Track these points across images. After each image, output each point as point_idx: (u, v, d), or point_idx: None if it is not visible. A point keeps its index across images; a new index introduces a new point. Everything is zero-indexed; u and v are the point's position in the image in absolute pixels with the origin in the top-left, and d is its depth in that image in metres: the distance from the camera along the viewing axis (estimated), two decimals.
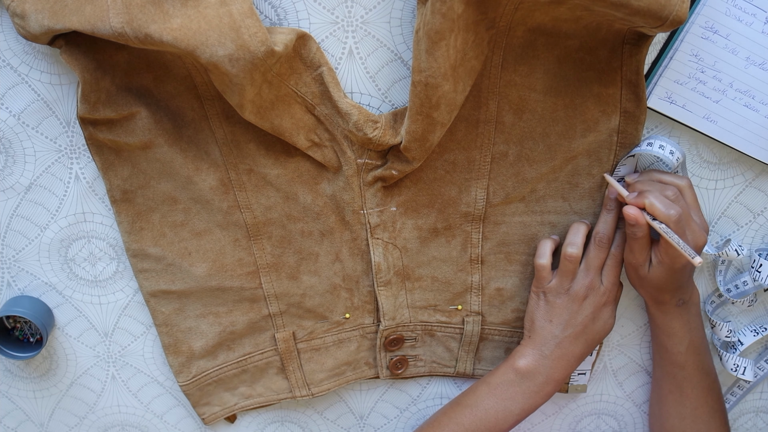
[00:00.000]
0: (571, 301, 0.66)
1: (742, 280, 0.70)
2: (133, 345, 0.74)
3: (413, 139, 0.59)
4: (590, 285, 0.65)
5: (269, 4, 0.60)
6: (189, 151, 0.64)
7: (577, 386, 0.75)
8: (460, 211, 0.67)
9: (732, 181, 0.67)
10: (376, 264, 0.68)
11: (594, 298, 0.65)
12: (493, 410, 0.67)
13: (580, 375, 0.74)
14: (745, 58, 0.61)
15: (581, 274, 0.66)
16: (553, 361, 0.66)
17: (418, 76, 0.55)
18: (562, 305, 0.66)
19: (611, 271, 0.66)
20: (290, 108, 0.60)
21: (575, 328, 0.66)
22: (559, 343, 0.66)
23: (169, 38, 0.53)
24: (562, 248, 0.66)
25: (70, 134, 0.65)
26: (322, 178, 0.65)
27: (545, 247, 0.67)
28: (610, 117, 0.62)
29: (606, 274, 0.66)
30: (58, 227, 0.69)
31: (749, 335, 0.72)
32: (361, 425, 0.79)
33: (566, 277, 0.66)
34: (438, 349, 0.74)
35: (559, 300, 0.66)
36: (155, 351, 0.74)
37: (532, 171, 0.65)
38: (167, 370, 0.75)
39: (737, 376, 0.72)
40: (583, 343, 0.66)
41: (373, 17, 0.61)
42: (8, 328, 0.73)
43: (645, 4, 0.51)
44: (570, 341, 0.66)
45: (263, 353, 0.73)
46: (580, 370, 0.74)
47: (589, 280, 0.65)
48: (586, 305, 0.66)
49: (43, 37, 0.57)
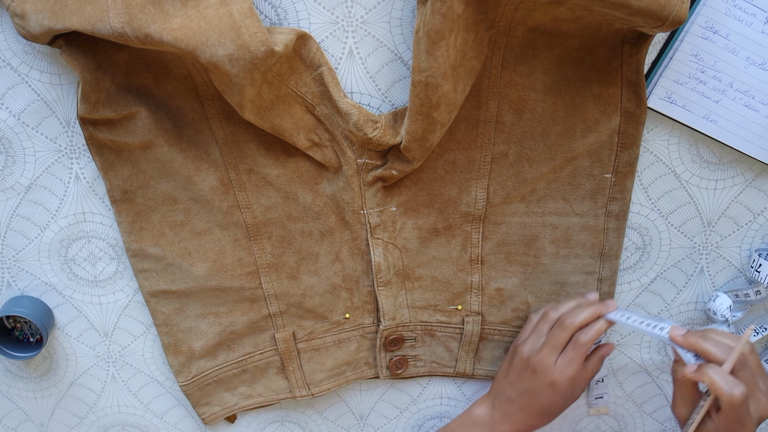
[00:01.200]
0: (524, 368, 0.65)
1: None
2: (133, 345, 0.74)
3: (413, 139, 0.59)
4: (544, 360, 0.64)
5: (269, 4, 0.60)
6: (189, 151, 0.64)
7: (599, 408, 0.75)
8: (460, 211, 0.67)
9: (732, 181, 0.67)
10: (376, 264, 0.68)
11: (543, 375, 0.64)
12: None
13: (597, 399, 0.75)
14: (745, 58, 0.61)
15: (544, 347, 0.65)
16: (500, 416, 0.67)
17: (418, 76, 0.55)
18: (519, 367, 0.66)
19: (567, 358, 0.64)
20: (290, 108, 0.60)
21: (522, 396, 0.66)
22: (508, 400, 0.66)
23: (169, 38, 0.53)
24: (563, 316, 0.65)
25: (70, 134, 0.65)
26: (322, 178, 0.65)
27: (564, 306, 0.66)
28: (611, 117, 0.62)
29: (562, 358, 0.64)
30: (58, 227, 0.69)
31: None
32: (361, 425, 0.79)
33: (545, 345, 0.65)
34: (438, 349, 0.74)
35: (519, 361, 0.66)
36: (155, 351, 0.74)
37: (532, 171, 0.65)
38: (167, 370, 0.75)
39: None
40: (528, 412, 0.66)
41: (373, 17, 0.61)
42: (8, 328, 0.73)
43: (645, 4, 0.51)
44: (516, 406, 0.66)
45: (263, 353, 0.73)
46: (597, 395, 0.75)
47: (543, 354, 0.64)
48: (535, 378, 0.65)
49: (43, 37, 0.57)
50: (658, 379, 0.76)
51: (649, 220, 0.69)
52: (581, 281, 0.69)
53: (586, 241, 0.68)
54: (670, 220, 0.69)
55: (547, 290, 0.70)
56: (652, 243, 0.70)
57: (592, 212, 0.67)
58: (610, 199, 0.66)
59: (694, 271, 0.71)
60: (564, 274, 0.69)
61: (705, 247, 0.70)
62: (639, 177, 0.67)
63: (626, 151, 0.64)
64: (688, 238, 0.70)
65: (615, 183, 0.65)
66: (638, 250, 0.70)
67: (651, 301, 0.72)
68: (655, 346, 0.75)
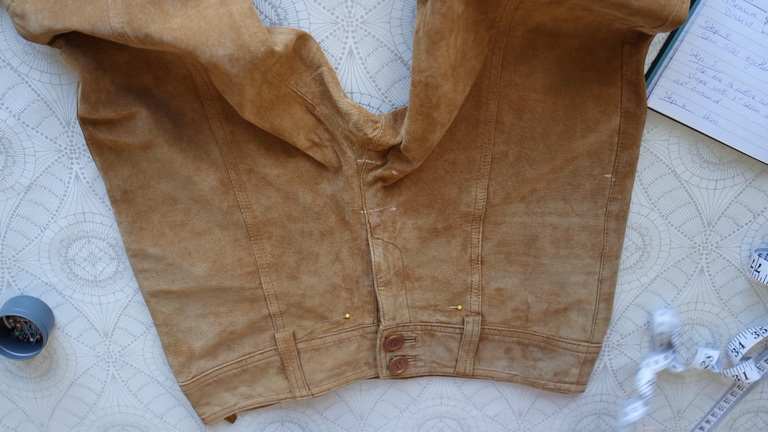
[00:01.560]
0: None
1: None
2: (133, 345, 0.74)
3: (413, 139, 0.59)
4: None
5: (269, 4, 0.60)
6: (189, 151, 0.64)
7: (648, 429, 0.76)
8: (460, 211, 0.67)
9: (732, 181, 0.67)
10: (376, 264, 0.68)
11: None
12: None
13: None
14: (745, 58, 0.61)
15: None
16: None
17: (418, 76, 0.55)
18: None
19: None
20: (290, 108, 0.60)
21: None
22: None
23: (169, 38, 0.53)
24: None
25: (70, 134, 0.65)
26: (322, 178, 0.65)
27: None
28: (611, 117, 0.62)
29: None
30: (58, 227, 0.69)
31: (750, 337, 0.72)
32: (361, 425, 0.79)
33: None
34: (438, 349, 0.74)
35: None
36: (155, 351, 0.74)
37: (532, 171, 0.65)
38: (167, 370, 0.75)
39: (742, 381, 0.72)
40: None
41: (373, 17, 0.61)
42: (8, 328, 0.73)
43: (645, 4, 0.51)
44: None
45: (263, 353, 0.73)
46: None
47: None
48: None
49: (43, 37, 0.57)
50: (658, 379, 0.76)
51: (649, 220, 0.69)
52: (581, 281, 0.69)
53: (586, 241, 0.68)
54: (670, 220, 0.69)
55: (547, 290, 0.70)
56: (652, 243, 0.70)
57: (592, 212, 0.67)
58: (610, 200, 0.66)
59: (694, 271, 0.71)
60: (564, 274, 0.69)
61: (705, 247, 0.70)
62: (639, 177, 0.67)
63: (626, 151, 0.64)
64: (688, 238, 0.70)
65: (615, 183, 0.65)
66: (638, 250, 0.70)
67: (651, 301, 0.72)
68: None
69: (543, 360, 0.73)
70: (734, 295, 0.72)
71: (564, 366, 0.72)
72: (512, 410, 0.78)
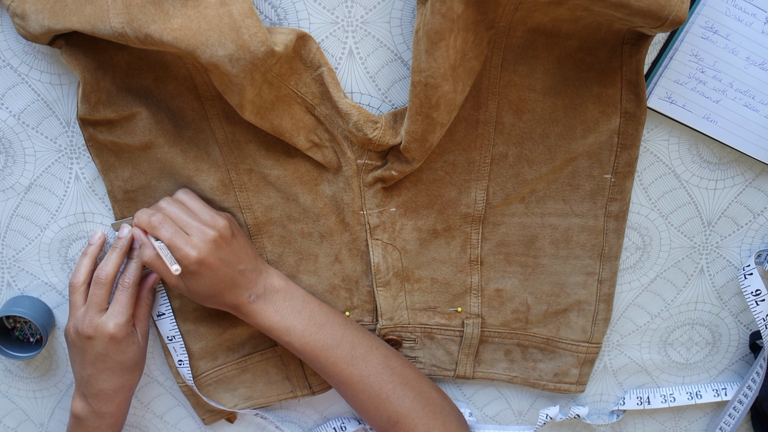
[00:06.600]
0: (80, 341, 0.63)
1: None
2: None
3: (413, 139, 0.60)
4: (92, 322, 0.62)
5: (269, 4, 0.60)
6: (189, 152, 0.64)
7: None
8: (459, 212, 0.67)
9: (732, 181, 0.67)
10: (375, 265, 0.68)
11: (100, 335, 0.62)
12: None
13: (579, 407, 0.75)
14: (745, 58, 0.61)
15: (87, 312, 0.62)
16: (93, 399, 0.65)
17: (418, 76, 0.55)
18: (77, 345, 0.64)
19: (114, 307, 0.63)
20: (290, 108, 0.60)
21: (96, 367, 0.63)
22: (90, 379, 0.64)
23: (169, 38, 0.53)
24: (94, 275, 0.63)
25: (70, 134, 0.65)
26: (322, 179, 0.66)
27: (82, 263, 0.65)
28: (610, 118, 0.62)
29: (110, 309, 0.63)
30: (58, 227, 0.69)
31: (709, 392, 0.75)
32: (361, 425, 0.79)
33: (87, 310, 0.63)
34: (438, 352, 0.74)
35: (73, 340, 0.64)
36: (155, 351, 0.74)
37: (531, 172, 0.65)
38: (167, 370, 0.75)
39: None
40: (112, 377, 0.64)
41: (373, 17, 0.61)
42: (8, 328, 0.73)
43: (645, 5, 0.51)
44: (100, 379, 0.64)
45: (263, 353, 0.73)
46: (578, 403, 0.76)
47: (88, 318, 0.62)
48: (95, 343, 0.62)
49: (44, 37, 0.57)
50: (658, 379, 0.76)
51: (649, 220, 0.69)
52: (581, 282, 0.69)
53: (585, 241, 0.68)
54: (670, 220, 0.69)
55: (547, 291, 0.70)
56: (652, 243, 0.70)
57: (591, 213, 0.67)
58: (609, 200, 0.66)
59: (694, 271, 0.71)
60: (563, 274, 0.69)
61: (705, 247, 0.70)
62: (639, 177, 0.67)
63: (626, 151, 0.64)
64: (688, 238, 0.70)
65: (614, 183, 0.65)
66: (638, 250, 0.70)
67: (651, 301, 0.72)
68: (655, 346, 0.75)
69: (543, 361, 0.73)
70: (734, 295, 0.72)
71: (564, 367, 0.72)
72: (512, 410, 0.78)
